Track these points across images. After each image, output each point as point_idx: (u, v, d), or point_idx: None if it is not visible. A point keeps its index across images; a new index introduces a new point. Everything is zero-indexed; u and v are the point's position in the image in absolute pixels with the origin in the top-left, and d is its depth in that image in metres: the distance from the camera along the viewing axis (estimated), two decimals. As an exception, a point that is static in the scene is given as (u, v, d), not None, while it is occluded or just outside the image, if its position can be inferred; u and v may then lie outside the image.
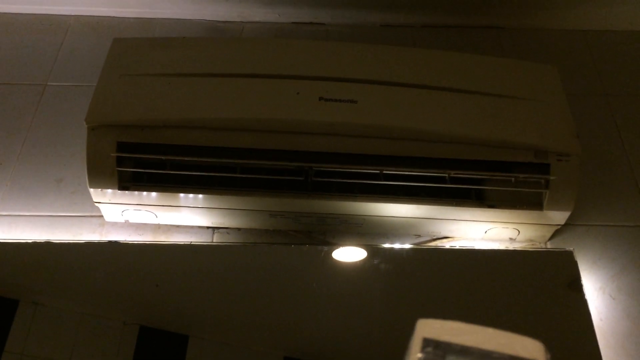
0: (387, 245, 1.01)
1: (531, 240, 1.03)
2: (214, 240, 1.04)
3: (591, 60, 1.34)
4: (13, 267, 0.97)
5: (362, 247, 0.99)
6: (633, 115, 1.23)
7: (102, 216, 1.03)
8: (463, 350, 0.40)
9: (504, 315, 0.94)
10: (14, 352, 0.88)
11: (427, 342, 0.41)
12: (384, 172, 0.93)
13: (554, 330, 0.92)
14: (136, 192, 0.95)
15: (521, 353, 0.39)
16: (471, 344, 0.40)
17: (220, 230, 1.05)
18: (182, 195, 0.95)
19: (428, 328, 0.43)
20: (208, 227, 1.05)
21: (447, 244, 1.04)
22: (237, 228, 1.05)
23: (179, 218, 1.02)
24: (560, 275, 0.98)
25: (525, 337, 0.40)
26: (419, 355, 0.40)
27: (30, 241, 1.00)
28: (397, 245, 1.00)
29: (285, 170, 0.94)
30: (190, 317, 0.94)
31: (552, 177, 0.91)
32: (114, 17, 1.40)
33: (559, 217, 0.96)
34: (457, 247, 1.03)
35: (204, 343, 0.91)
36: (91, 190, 0.94)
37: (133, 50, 1.00)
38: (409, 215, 0.98)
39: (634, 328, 0.95)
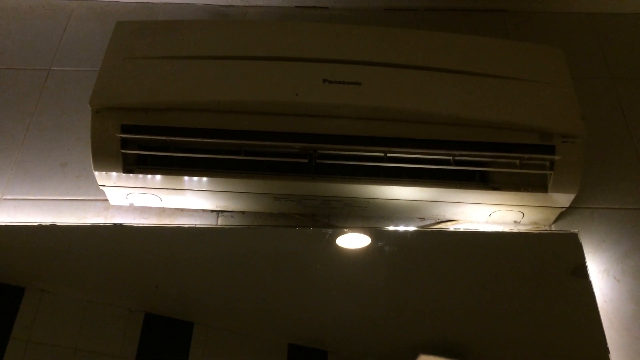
0: (391, 228, 1.01)
1: (536, 223, 1.03)
2: (219, 224, 1.04)
3: (597, 43, 1.33)
4: (19, 252, 0.98)
5: (366, 230, 0.99)
6: (639, 98, 1.22)
7: (107, 200, 1.04)
8: None
9: (509, 297, 0.94)
10: (20, 339, 0.88)
11: None
12: (388, 154, 0.92)
13: (559, 313, 0.92)
14: (140, 175, 0.95)
15: None
16: None
17: (224, 213, 1.05)
18: (186, 178, 0.95)
19: None
20: (212, 211, 1.05)
21: (451, 227, 1.04)
22: (241, 211, 1.05)
23: (184, 201, 1.02)
24: (565, 258, 0.98)
25: None
26: None
27: (35, 224, 1.00)
28: (401, 228, 1.00)
29: (290, 152, 0.94)
30: (195, 304, 0.94)
31: (557, 158, 0.90)
32: (117, 1, 1.40)
33: (564, 199, 0.96)
34: (462, 230, 1.03)
35: (208, 330, 0.91)
36: (96, 173, 0.94)
37: (136, 33, 0.99)
38: (413, 198, 0.98)
39: (638, 310, 0.95)
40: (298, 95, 0.91)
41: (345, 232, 0.98)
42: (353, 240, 0.98)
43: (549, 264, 0.97)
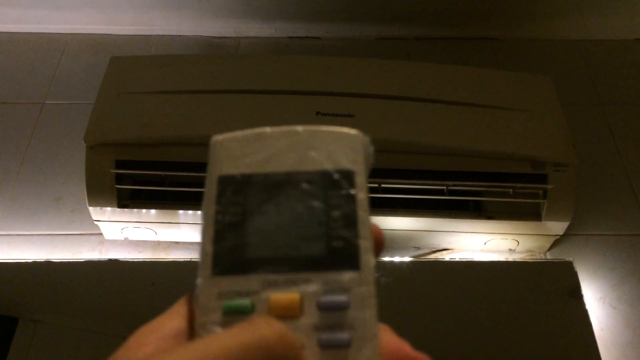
0: (386, 259, 1.01)
1: (530, 251, 1.04)
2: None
3: (586, 69, 1.35)
4: (13, 286, 0.97)
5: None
6: (628, 124, 1.24)
7: (101, 234, 1.03)
8: (265, 183, 0.27)
9: (505, 326, 0.94)
10: (13, 370, 0.87)
11: (225, 182, 0.28)
12: (382, 185, 0.93)
13: (556, 341, 0.92)
14: (135, 210, 0.95)
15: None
16: (278, 168, 0.27)
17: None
18: (181, 211, 0.95)
19: (225, 159, 0.28)
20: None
21: (446, 256, 1.04)
22: (236, 243, 1.05)
23: (179, 234, 1.02)
24: (560, 286, 0.98)
25: None
26: (217, 209, 0.27)
27: (30, 260, 0.99)
28: (396, 258, 1.00)
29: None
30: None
31: (549, 187, 0.91)
32: (110, 34, 1.41)
33: (558, 227, 0.96)
34: (457, 259, 1.03)
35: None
36: (90, 208, 0.94)
37: (130, 68, 1.00)
38: (408, 228, 0.98)
39: (635, 337, 0.95)
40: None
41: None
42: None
43: (544, 292, 0.97)
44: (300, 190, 0.27)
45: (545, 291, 0.97)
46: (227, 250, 0.26)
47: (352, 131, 0.29)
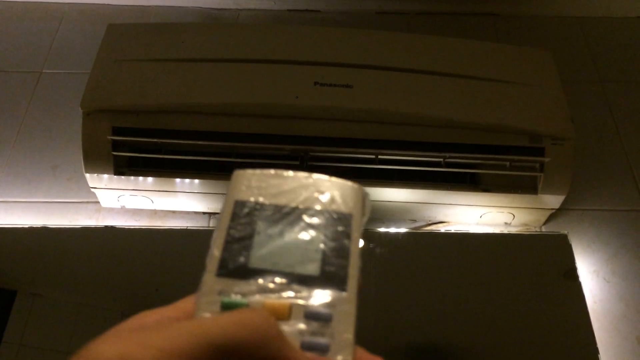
0: (382, 230, 1.01)
1: (526, 225, 1.04)
2: (210, 225, 1.04)
3: (586, 46, 1.35)
4: (10, 255, 0.97)
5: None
6: (627, 101, 1.24)
7: (98, 202, 1.03)
8: (275, 212, 0.32)
9: (500, 298, 0.94)
10: (12, 342, 0.88)
11: (240, 206, 0.32)
12: (380, 156, 0.93)
13: (549, 313, 0.93)
14: (132, 177, 0.95)
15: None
16: (288, 203, 0.32)
17: (216, 215, 1.05)
18: (177, 180, 0.95)
19: (243, 184, 0.33)
20: (204, 213, 1.05)
21: (442, 229, 1.05)
22: (233, 213, 1.05)
23: (175, 203, 1.02)
24: (555, 259, 0.98)
25: None
26: (230, 224, 0.31)
27: (26, 226, 1.00)
28: (392, 230, 1.01)
29: (281, 154, 0.94)
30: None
31: (546, 160, 0.91)
32: (108, 4, 1.40)
33: (554, 201, 0.97)
34: (453, 232, 1.03)
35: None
36: (87, 175, 0.94)
37: (128, 35, 1.00)
38: (405, 200, 0.99)
39: (628, 310, 0.96)
40: (298, 98, 0.91)
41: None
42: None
43: (539, 265, 0.98)
44: (303, 222, 0.31)
45: (540, 264, 0.98)
46: (232, 258, 0.30)
47: (355, 185, 0.33)
